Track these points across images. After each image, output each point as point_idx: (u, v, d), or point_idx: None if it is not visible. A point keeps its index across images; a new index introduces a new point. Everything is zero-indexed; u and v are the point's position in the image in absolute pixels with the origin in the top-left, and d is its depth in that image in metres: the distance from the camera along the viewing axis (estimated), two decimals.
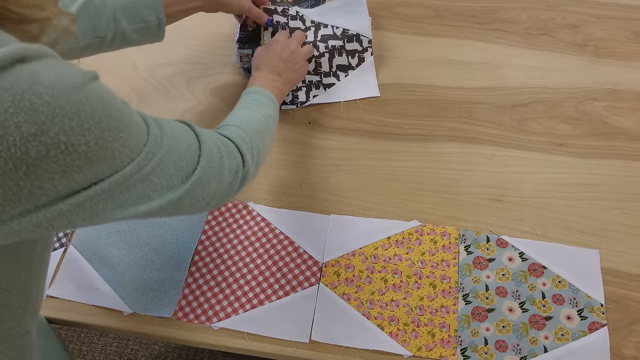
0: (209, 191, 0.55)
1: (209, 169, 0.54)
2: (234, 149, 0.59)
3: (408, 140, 0.86)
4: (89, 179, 0.41)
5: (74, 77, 0.39)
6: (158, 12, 0.77)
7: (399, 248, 0.76)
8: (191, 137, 0.53)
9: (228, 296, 0.74)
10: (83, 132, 0.39)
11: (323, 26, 0.90)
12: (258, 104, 0.73)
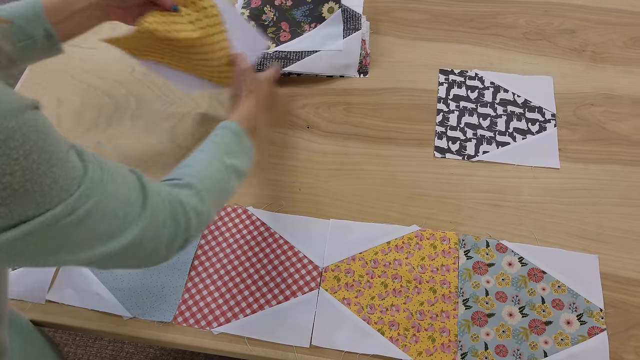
0: (147, 248, 0.52)
1: (150, 227, 0.51)
2: (181, 215, 0.55)
3: (407, 145, 0.87)
4: (15, 215, 0.39)
5: (9, 103, 0.37)
6: (43, 23, 0.66)
7: (398, 253, 0.76)
8: (136, 188, 0.51)
9: (228, 301, 0.74)
10: (9, 162, 0.37)
11: (503, 90, 0.89)
12: (229, 150, 0.66)
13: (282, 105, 0.92)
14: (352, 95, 0.93)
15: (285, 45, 0.94)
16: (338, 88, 0.94)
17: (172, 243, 0.54)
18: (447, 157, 0.85)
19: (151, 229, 0.51)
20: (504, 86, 0.92)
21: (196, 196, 0.58)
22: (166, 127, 0.91)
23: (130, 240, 0.49)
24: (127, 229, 0.49)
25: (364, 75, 0.95)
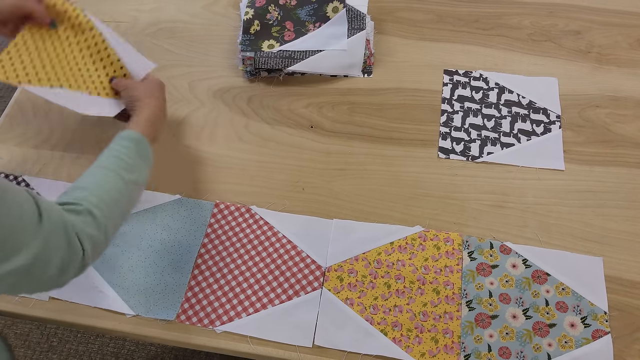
0: (40, 272, 0.53)
1: (44, 251, 0.52)
2: (76, 242, 0.55)
3: (411, 145, 0.86)
4: None
5: None
6: None
7: (402, 253, 0.76)
8: (30, 211, 0.52)
9: (231, 300, 0.74)
10: None
11: (508, 91, 0.88)
12: (129, 165, 0.65)
13: (286, 104, 0.92)
14: (356, 95, 0.93)
15: (289, 45, 0.94)
16: (342, 88, 0.94)
17: (67, 269, 0.55)
18: (451, 158, 0.84)
19: (45, 253, 0.52)
20: (509, 87, 0.91)
21: (94, 224, 0.58)
22: (171, 125, 0.91)
23: (22, 262, 0.50)
24: (20, 250, 0.50)
25: (368, 75, 0.94)
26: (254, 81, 0.95)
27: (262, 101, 0.93)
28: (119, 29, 1.03)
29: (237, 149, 0.88)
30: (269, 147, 0.88)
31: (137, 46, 1.00)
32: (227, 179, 0.85)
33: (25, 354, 1.43)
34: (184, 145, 0.88)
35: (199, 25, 1.03)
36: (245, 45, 0.94)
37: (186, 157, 0.87)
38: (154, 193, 0.83)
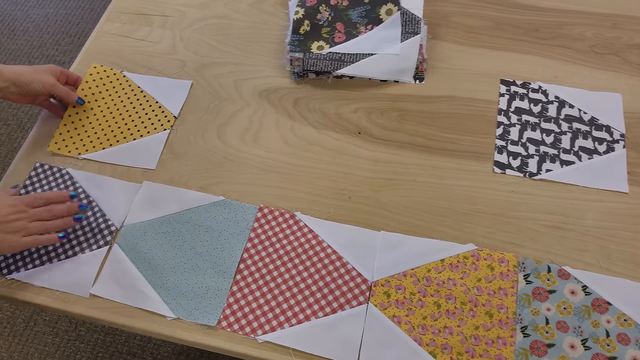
0: None
1: None
2: None
3: (464, 157, 0.83)
4: None
5: None
6: None
7: (453, 272, 0.73)
8: None
9: (273, 308, 0.72)
10: None
11: (568, 106, 0.84)
12: None
13: (333, 108, 0.89)
14: (406, 102, 0.89)
15: (339, 47, 0.91)
16: (392, 93, 0.90)
17: None
18: (507, 173, 0.81)
19: None
20: (569, 101, 0.87)
21: None
22: (215, 124, 0.89)
23: None
24: None
25: (419, 82, 0.91)
26: (301, 83, 0.92)
27: (308, 104, 0.90)
28: (167, 23, 1.02)
29: (282, 152, 0.85)
30: (315, 151, 0.85)
31: (184, 42, 0.99)
32: (270, 183, 0.82)
33: (53, 341, 1.44)
34: (227, 146, 0.86)
35: (246, 23, 1.01)
36: (294, 45, 0.91)
37: (229, 157, 0.85)
38: (197, 193, 0.81)
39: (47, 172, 0.86)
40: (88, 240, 0.78)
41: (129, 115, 0.90)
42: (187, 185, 0.83)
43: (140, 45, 0.99)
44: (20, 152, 0.89)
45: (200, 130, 0.88)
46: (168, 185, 0.82)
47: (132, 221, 0.79)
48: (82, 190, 0.83)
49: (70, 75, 0.91)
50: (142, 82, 0.94)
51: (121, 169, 0.85)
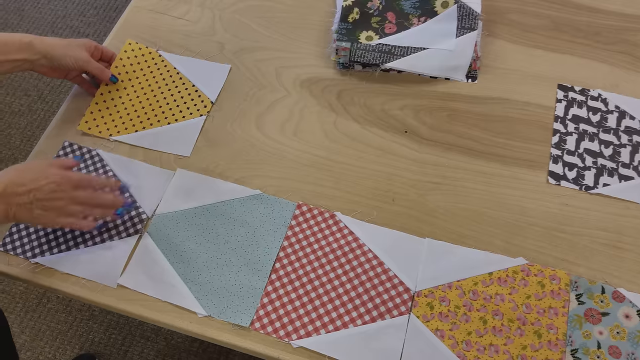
0: None
1: None
2: None
3: (517, 165, 0.78)
4: None
5: None
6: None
7: (501, 287, 0.69)
8: None
9: (309, 312, 0.68)
10: None
11: (629, 117, 0.79)
12: None
13: (379, 104, 0.85)
14: (457, 102, 0.84)
15: (389, 39, 0.86)
16: (442, 91, 0.85)
17: None
18: (562, 185, 0.76)
19: None
20: (631, 112, 0.82)
21: None
22: (254, 113, 0.85)
23: None
24: None
25: (472, 81, 0.86)
26: (346, 74, 0.88)
27: (353, 97, 0.86)
28: (206, 2, 0.97)
29: (323, 147, 0.81)
30: (358, 148, 0.81)
31: (223, 23, 0.95)
32: (310, 179, 0.78)
33: (66, 320, 1.42)
34: (266, 137, 0.82)
35: (289, 7, 0.96)
36: (341, 34, 0.87)
37: (268, 149, 0.81)
38: (233, 185, 0.78)
39: (76, 152, 0.82)
40: (117, 227, 0.75)
41: (163, 97, 0.86)
42: (222, 176, 0.79)
43: (178, 23, 0.95)
44: (48, 128, 0.85)
45: (238, 119, 0.84)
46: (203, 175, 0.79)
47: (164, 210, 0.76)
48: (113, 174, 0.79)
49: (105, 52, 0.87)
50: (179, 62, 0.89)
51: (154, 154, 0.81)
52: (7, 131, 1.72)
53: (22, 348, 1.39)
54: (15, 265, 0.73)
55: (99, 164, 0.80)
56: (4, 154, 1.68)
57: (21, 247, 0.74)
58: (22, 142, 1.70)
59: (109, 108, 0.85)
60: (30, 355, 1.38)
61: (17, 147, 1.69)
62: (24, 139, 1.71)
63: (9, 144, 1.70)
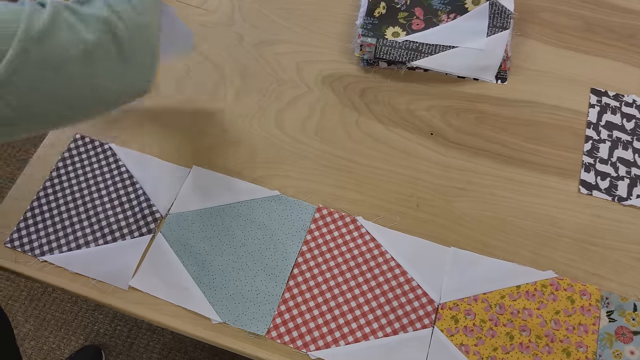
0: None
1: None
2: None
3: (547, 172, 0.75)
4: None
5: None
6: None
7: (529, 301, 0.66)
8: None
9: (328, 322, 0.65)
10: None
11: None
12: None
13: (404, 103, 0.81)
14: (485, 103, 0.81)
15: (417, 35, 0.82)
16: (470, 92, 0.82)
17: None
18: (593, 195, 0.73)
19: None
20: None
21: None
22: (273, 110, 0.81)
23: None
24: None
25: (501, 82, 0.82)
26: (370, 71, 0.84)
27: (377, 96, 0.82)
28: None
29: (345, 148, 0.78)
30: (381, 150, 0.77)
31: (242, 13, 0.91)
32: (330, 181, 0.75)
33: (71, 309, 1.41)
34: (286, 135, 0.79)
35: None
36: (366, 29, 0.83)
37: (287, 148, 0.78)
38: (251, 185, 0.75)
39: (87, 145, 0.79)
40: (130, 226, 0.72)
41: None
42: (240, 175, 0.76)
43: (194, 13, 0.91)
44: None
45: (257, 115, 0.81)
46: (220, 173, 0.75)
47: (179, 209, 0.73)
48: (126, 169, 0.76)
49: None
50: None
51: (169, 149, 0.78)
52: None
53: (26, 337, 1.37)
54: (22, 262, 0.70)
55: (112, 158, 0.77)
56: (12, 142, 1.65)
57: (29, 244, 0.71)
58: None
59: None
60: (35, 344, 1.37)
61: None
62: None
63: None
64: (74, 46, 0.46)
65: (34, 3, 0.46)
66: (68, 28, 0.46)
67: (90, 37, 0.47)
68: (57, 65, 0.45)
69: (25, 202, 0.75)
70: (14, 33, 0.43)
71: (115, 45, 0.49)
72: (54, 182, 0.76)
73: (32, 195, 0.75)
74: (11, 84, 0.43)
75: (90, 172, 0.77)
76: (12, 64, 0.42)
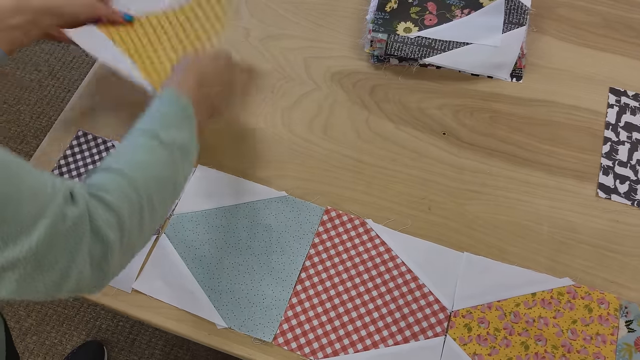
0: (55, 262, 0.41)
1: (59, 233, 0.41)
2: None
3: (564, 175, 0.72)
4: None
5: None
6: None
7: (545, 309, 0.64)
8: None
9: (337, 329, 0.63)
10: None
11: None
12: (165, 121, 0.53)
13: (415, 102, 0.79)
14: (500, 102, 0.78)
15: (429, 31, 0.79)
16: (484, 91, 0.79)
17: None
18: (612, 199, 0.70)
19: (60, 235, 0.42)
20: None
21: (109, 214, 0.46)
22: (280, 107, 0.79)
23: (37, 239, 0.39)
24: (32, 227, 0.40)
25: (516, 80, 0.80)
26: (380, 68, 0.81)
27: (387, 93, 0.79)
28: None
29: (354, 147, 0.75)
30: (392, 150, 0.75)
31: (249, 7, 0.88)
32: (339, 182, 0.73)
33: (73, 304, 1.39)
34: (293, 134, 0.77)
35: None
36: (377, 24, 0.80)
37: (294, 147, 0.75)
38: (257, 185, 0.72)
39: (90, 142, 0.77)
40: None
41: None
42: (245, 175, 0.73)
43: None
44: (61, 115, 0.80)
45: (263, 113, 0.78)
46: (225, 173, 0.73)
47: (183, 210, 0.71)
48: None
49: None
50: None
51: None
52: (16, 107, 1.67)
53: (27, 332, 1.36)
54: None
55: None
56: (13, 131, 1.63)
57: None
58: (32, 119, 1.65)
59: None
60: (36, 339, 1.36)
61: (27, 123, 1.64)
62: (33, 115, 1.66)
63: (19, 120, 1.65)
64: None
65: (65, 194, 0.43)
66: None
67: (112, 236, 0.45)
68: None
69: None
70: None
71: (139, 217, 0.47)
72: None
73: None
74: None
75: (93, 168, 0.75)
76: None
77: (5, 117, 1.65)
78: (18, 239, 0.38)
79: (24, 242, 0.38)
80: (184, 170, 0.54)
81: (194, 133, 0.55)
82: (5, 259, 0.38)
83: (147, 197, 0.48)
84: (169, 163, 0.51)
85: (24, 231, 0.39)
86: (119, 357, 1.34)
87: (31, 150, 1.58)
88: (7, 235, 0.38)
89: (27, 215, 0.39)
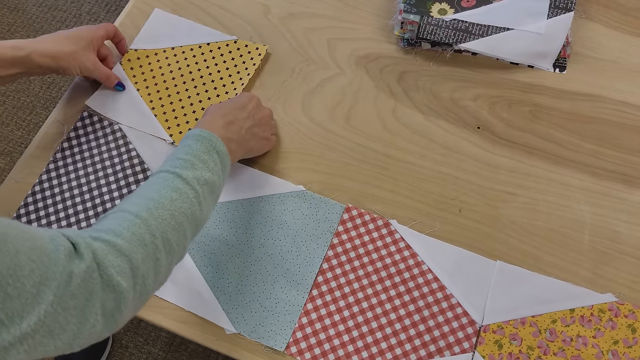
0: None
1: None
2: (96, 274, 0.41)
3: (609, 179, 0.66)
4: None
5: None
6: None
7: (584, 327, 0.58)
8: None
9: (355, 340, 0.58)
10: None
11: None
12: (191, 161, 0.52)
13: (448, 91, 0.72)
14: (541, 95, 0.71)
15: (467, 14, 0.72)
16: (524, 81, 0.72)
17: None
18: None
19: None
20: None
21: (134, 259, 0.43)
22: (301, 92, 0.72)
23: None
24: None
25: (560, 71, 0.72)
26: (410, 52, 0.74)
27: (417, 81, 0.73)
28: None
29: (379, 139, 0.69)
30: (420, 144, 0.69)
31: None
32: (362, 177, 0.67)
33: None
34: (313, 122, 0.70)
35: None
36: (409, 4, 0.73)
37: (314, 137, 0.70)
38: (272, 178, 0.67)
39: (96, 124, 0.71)
40: None
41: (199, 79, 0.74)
42: (260, 166, 0.68)
43: None
44: (65, 94, 0.75)
45: (281, 98, 0.72)
46: (237, 164, 0.68)
47: None
48: (137, 154, 0.69)
49: (117, 34, 0.75)
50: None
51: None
52: None
53: None
54: None
55: (121, 140, 0.70)
56: (22, 101, 1.59)
57: None
58: (42, 89, 1.60)
59: None
60: None
61: (37, 94, 1.60)
62: (43, 85, 1.61)
63: (29, 90, 1.61)
64: None
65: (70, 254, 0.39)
66: None
67: (124, 284, 0.42)
68: None
69: (26, 185, 0.68)
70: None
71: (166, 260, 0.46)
72: (57, 164, 0.69)
73: (34, 178, 0.68)
74: None
75: (98, 154, 0.70)
76: None
77: (15, 87, 1.60)
78: (24, 312, 0.35)
79: (31, 315, 0.35)
80: (208, 205, 0.52)
81: (220, 168, 0.54)
82: (12, 336, 0.34)
83: (162, 237, 0.45)
84: (189, 200, 0.49)
85: (29, 303, 0.35)
86: (124, 338, 1.31)
87: (40, 122, 1.55)
88: (12, 311, 0.34)
89: (29, 285, 0.35)
